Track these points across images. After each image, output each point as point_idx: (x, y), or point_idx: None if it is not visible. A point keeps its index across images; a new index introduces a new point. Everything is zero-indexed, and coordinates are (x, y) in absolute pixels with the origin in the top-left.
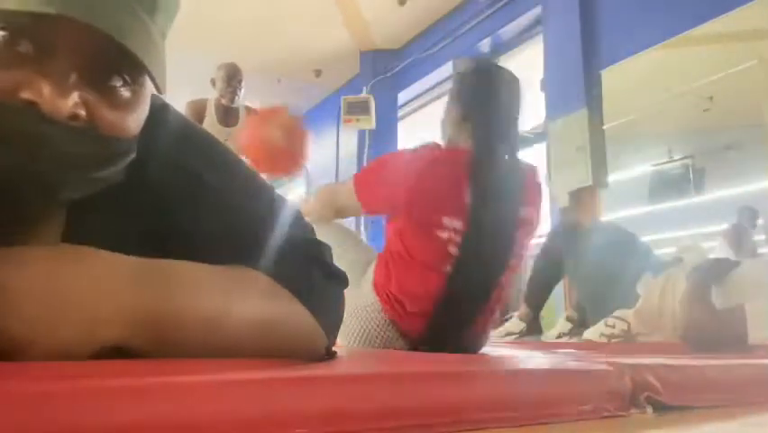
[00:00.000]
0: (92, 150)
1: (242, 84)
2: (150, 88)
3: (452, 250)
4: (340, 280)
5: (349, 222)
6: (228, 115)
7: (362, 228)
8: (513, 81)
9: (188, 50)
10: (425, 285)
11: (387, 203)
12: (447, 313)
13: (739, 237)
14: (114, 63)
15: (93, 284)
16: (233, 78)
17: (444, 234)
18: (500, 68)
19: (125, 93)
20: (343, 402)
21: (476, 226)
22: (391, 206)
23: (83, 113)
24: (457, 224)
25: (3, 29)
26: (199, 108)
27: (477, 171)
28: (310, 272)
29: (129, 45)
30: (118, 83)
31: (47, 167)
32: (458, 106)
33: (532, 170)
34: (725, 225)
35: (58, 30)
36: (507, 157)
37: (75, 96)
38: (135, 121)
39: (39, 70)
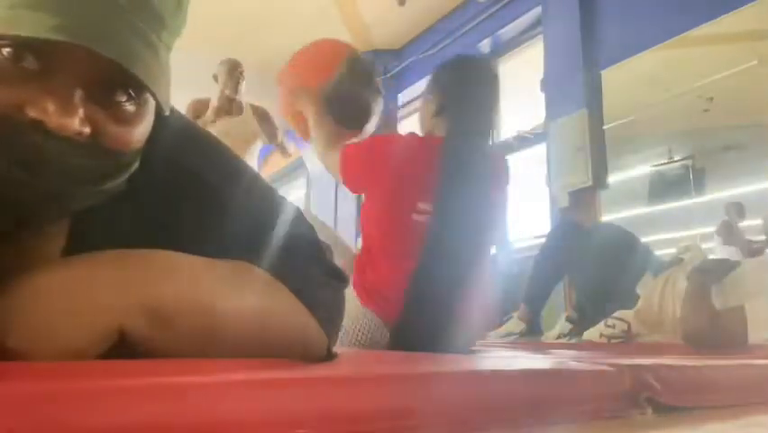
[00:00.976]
0: (96, 165)
1: (244, 75)
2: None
3: (426, 233)
4: (340, 279)
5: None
6: (232, 106)
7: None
8: (489, 75)
9: (187, 49)
10: (400, 270)
11: (368, 185)
12: (421, 295)
13: (730, 232)
14: (119, 81)
15: (89, 282)
16: (234, 69)
17: (421, 218)
18: (477, 62)
19: (130, 108)
20: (343, 402)
21: (442, 210)
22: (372, 188)
23: (88, 130)
24: (429, 207)
25: (9, 46)
26: (201, 106)
27: (447, 156)
28: (310, 272)
29: (137, 71)
30: (123, 98)
31: (52, 182)
32: (434, 101)
33: (500, 155)
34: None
35: (64, 49)
36: (478, 145)
37: (80, 114)
38: (140, 134)
39: (44, 88)
